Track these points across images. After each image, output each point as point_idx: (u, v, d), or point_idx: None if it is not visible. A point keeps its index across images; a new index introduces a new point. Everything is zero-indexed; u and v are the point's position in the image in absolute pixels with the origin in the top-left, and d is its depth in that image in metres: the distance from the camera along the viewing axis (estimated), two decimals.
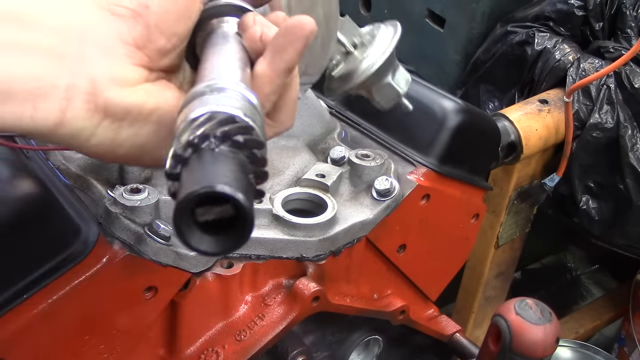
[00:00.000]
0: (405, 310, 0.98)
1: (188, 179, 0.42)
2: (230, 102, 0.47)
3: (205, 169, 0.42)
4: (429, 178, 0.94)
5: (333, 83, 0.71)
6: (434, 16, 1.71)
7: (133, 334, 0.77)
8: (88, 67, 0.53)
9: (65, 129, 0.52)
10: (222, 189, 0.40)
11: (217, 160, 0.42)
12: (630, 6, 1.46)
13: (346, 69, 0.70)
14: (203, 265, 0.77)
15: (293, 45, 0.56)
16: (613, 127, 1.38)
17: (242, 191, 0.40)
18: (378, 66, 0.69)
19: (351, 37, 0.71)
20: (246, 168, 0.43)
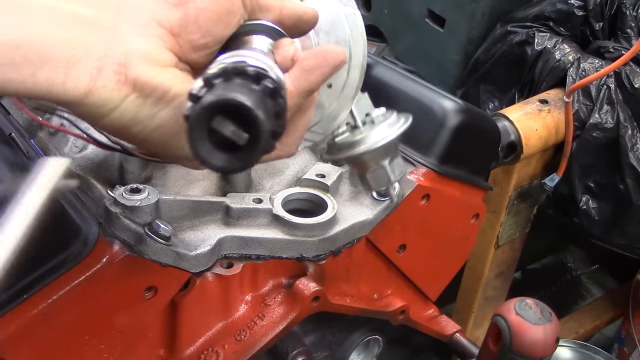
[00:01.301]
0: (405, 310, 0.98)
1: (210, 95, 0.42)
2: (264, 58, 0.48)
3: (231, 88, 0.42)
4: (429, 178, 0.94)
5: (332, 148, 0.72)
6: (434, 16, 1.71)
7: (133, 334, 0.77)
8: (122, 40, 0.55)
9: (94, 97, 0.54)
10: (243, 100, 0.40)
11: (244, 87, 0.42)
12: (630, 6, 1.46)
13: (349, 140, 0.71)
14: (203, 265, 0.77)
15: (321, 69, 0.58)
16: (613, 127, 1.38)
17: (262, 110, 0.40)
18: (379, 146, 0.70)
19: (363, 112, 0.72)
20: (270, 106, 0.43)
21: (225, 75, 0.44)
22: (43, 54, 0.51)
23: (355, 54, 0.70)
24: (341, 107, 0.71)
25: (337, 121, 0.72)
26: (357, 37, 0.69)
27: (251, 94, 0.42)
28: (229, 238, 0.79)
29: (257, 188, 0.87)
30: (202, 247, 0.76)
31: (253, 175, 0.86)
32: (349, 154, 0.70)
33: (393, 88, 1.00)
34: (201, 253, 0.76)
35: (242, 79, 0.44)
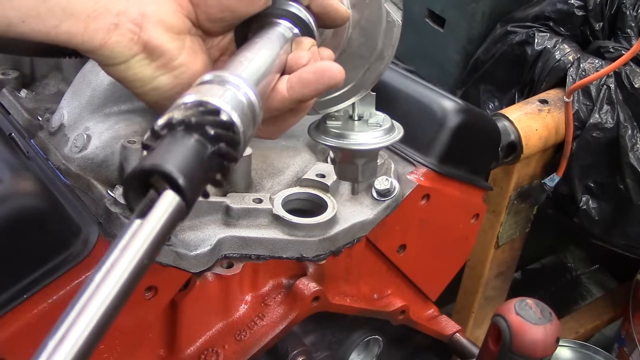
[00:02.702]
0: (405, 310, 0.98)
1: (151, 154, 0.47)
2: (225, 95, 0.52)
3: (167, 148, 0.47)
4: (429, 178, 0.94)
5: (319, 128, 0.75)
6: (434, 16, 1.71)
7: (133, 334, 0.77)
8: (141, 2, 0.59)
9: (106, 50, 0.58)
10: (164, 169, 0.45)
11: (179, 144, 0.47)
12: (630, 6, 1.46)
13: (338, 128, 0.74)
14: (203, 265, 0.77)
15: (316, 85, 0.61)
16: (613, 127, 1.38)
17: (185, 175, 0.45)
18: (359, 149, 0.74)
19: (363, 109, 0.76)
20: (203, 158, 0.48)
21: (169, 127, 0.48)
22: (67, 8, 0.55)
23: (381, 59, 0.73)
24: (349, 93, 0.75)
25: (339, 106, 0.75)
26: (388, 45, 0.72)
27: (182, 153, 0.46)
28: (229, 238, 0.79)
29: (257, 188, 0.87)
30: (202, 247, 0.76)
31: (253, 175, 0.86)
32: (331, 142, 0.73)
33: (393, 88, 1.00)
34: (201, 253, 0.76)
35: (184, 130, 0.48)
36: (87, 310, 0.40)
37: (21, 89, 0.97)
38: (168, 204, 0.45)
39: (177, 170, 0.45)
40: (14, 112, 0.89)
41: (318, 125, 0.76)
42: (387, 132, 0.75)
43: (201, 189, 0.49)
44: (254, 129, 0.56)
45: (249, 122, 0.54)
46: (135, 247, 0.43)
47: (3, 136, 0.84)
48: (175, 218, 0.45)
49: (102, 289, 0.41)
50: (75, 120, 0.82)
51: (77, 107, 0.82)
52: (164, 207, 0.45)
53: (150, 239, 0.44)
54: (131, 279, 0.42)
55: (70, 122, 0.82)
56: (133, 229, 0.44)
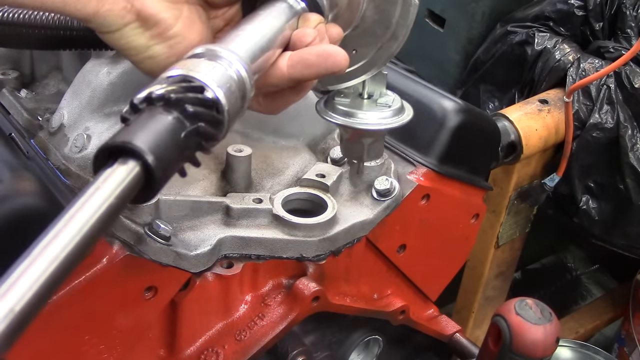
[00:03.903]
0: (405, 310, 0.98)
1: (127, 128, 0.46)
2: (213, 71, 0.51)
3: (142, 124, 0.46)
4: (429, 178, 0.94)
5: (327, 104, 0.74)
6: (434, 16, 1.71)
7: (133, 334, 0.77)
8: None
9: (99, 18, 0.58)
10: (136, 146, 0.44)
11: (155, 121, 0.47)
12: (630, 6, 1.46)
13: (346, 106, 0.73)
14: (203, 265, 0.77)
15: (318, 68, 0.60)
16: (613, 127, 1.38)
17: (155, 154, 0.44)
18: (366, 129, 0.73)
19: (374, 87, 0.75)
20: (179, 136, 0.47)
21: (148, 101, 0.48)
22: None
23: (394, 38, 0.71)
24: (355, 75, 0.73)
25: (347, 82, 0.74)
26: (402, 24, 0.70)
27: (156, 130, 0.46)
28: (229, 238, 0.79)
29: (257, 188, 0.87)
30: (202, 247, 0.76)
31: (253, 175, 0.86)
32: (338, 119, 0.72)
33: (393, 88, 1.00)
34: (201, 253, 0.76)
35: (163, 106, 0.48)
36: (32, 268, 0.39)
37: (21, 89, 0.97)
38: (127, 173, 0.44)
39: (147, 148, 0.44)
40: (14, 112, 0.89)
41: (326, 101, 0.75)
42: (396, 113, 0.74)
43: (175, 167, 0.48)
44: (244, 106, 0.55)
45: (237, 99, 0.53)
46: (87, 210, 0.42)
47: (3, 136, 0.84)
48: (132, 188, 0.44)
49: (45, 254, 0.40)
50: (75, 120, 0.82)
51: (77, 107, 0.82)
52: (122, 175, 0.44)
53: (102, 205, 0.43)
54: (78, 244, 0.41)
55: (70, 122, 0.82)
56: (86, 193, 0.43)
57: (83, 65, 0.84)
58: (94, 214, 0.42)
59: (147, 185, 0.45)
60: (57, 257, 0.40)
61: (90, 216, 0.42)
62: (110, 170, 0.44)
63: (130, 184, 0.44)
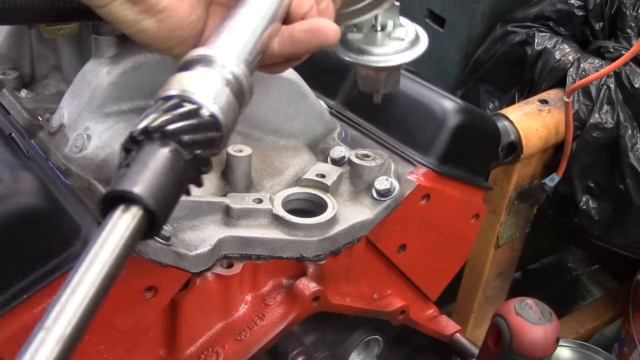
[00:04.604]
0: (405, 310, 0.98)
1: (128, 173, 0.48)
2: (209, 84, 0.52)
3: (142, 166, 0.48)
4: (429, 178, 0.94)
5: (342, 41, 0.73)
6: (434, 16, 1.71)
7: (133, 334, 0.77)
8: None
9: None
10: (137, 195, 0.46)
11: (153, 159, 0.48)
12: (630, 6, 1.46)
13: (360, 41, 0.72)
14: (203, 265, 0.77)
15: (306, 46, 0.60)
16: (613, 127, 1.38)
17: (155, 197, 0.47)
18: (380, 65, 0.72)
19: (387, 18, 0.73)
20: (178, 169, 0.49)
21: (146, 134, 0.49)
22: None
23: None
24: (368, 10, 0.72)
25: (360, 18, 0.72)
26: None
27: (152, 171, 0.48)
28: (229, 238, 0.79)
29: (257, 188, 0.87)
30: (202, 247, 0.76)
31: (253, 175, 0.86)
32: (353, 57, 0.71)
33: None
34: (201, 253, 0.76)
35: (160, 138, 0.49)
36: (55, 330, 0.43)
37: (21, 89, 0.96)
38: (131, 218, 0.46)
39: (147, 194, 0.46)
40: (14, 112, 0.89)
41: (340, 38, 0.74)
42: (410, 44, 0.72)
43: (177, 199, 0.50)
44: (244, 104, 0.55)
45: (234, 105, 0.53)
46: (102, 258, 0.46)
47: (3, 136, 0.84)
48: (138, 230, 0.47)
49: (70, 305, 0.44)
50: (75, 120, 0.82)
51: (77, 107, 0.82)
52: (127, 221, 0.46)
53: (114, 251, 0.46)
54: (96, 293, 0.45)
55: (70, 122, 0.82)
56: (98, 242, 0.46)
57: (83, 65, 0.84)
58: (108, 260, 0.46)
59: (151, 224, 0.48)
60: (80, 306, 0.44)
61: (104, 262, 0.46)
62: (116, 217, 0.47)
63: (136, 227, 0.47)
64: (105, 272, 0.45)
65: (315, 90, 0.94)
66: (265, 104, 0.90)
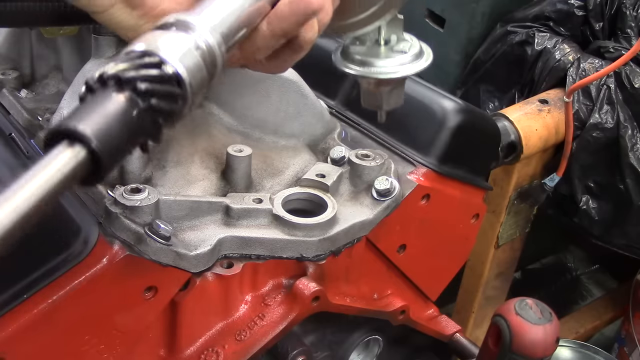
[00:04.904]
0: (405, 310, 0.98)
1: (77, 111, 0.47)
2: (177, 44, 0.51)
3: (92, 107, 0.47)
4: (429, 178, 0.94)
5: (344, 54, 0.72)
6: (434, 16, 1.71)
7: (133, 334, 0.77)
8: None
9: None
10: (80, 132, 0.45)
11: (105, 103, 0.47)
12: (630, 6, 1.46)
13: (362, 54, 0.71)
14: (203, 265, 0.77)
15: (294, 18, 0.59)
16: (613, 127, 1.38)
17: (101, 138, 0.45)
18: (383, 78, 0.71)
19: (390, 32, 0.72)
20: (130, 116, 0.47)
21: (101, 81, 0.48)
22: None
23: None
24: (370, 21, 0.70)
25: (363, 30, 0.71)
26: None
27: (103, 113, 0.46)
28: (229, 238, 0.79)
29: (257, 188, 0.87)
30: (202, 247, 0.76)
31: (253, 175, 0.86)
32: (355, 69, 0.70)
33: None
34: (201, 253, 0.76)
35: (115, 85, 0.48)
36: None
37: (21, 89, 0.97)
38: (72, 156, 0.44)
39: (92, 133, 0.45)
40: (14, 112, 0.89)
41: (342, 50, 0.72)
42: (414, 58, 0.71)
43: (128, 148, 0.49)
44: (214, 76, 0.54)
45: (203, 71, 0.52)
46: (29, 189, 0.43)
47: (3, 136, 0.84)
48: (77, 170, 0.45)
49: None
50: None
51: None
52: (66, 158, 0.44)
53: (45, 184, 0.43)
54: (10, 223, 0.42)
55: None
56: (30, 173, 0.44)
57: (83, 65, 0.85)
58: (36, 193, 0.43)
59: (94, 168, 0.46)
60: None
61: (31, 195, 0.43)
62: (56, 152, 0.45)
63: (76, 167, 0.45)
64: (30, 205, 0.43)
65: (315, 90, 0.94)
66: (265, 104, 0.90)
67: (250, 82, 0.88)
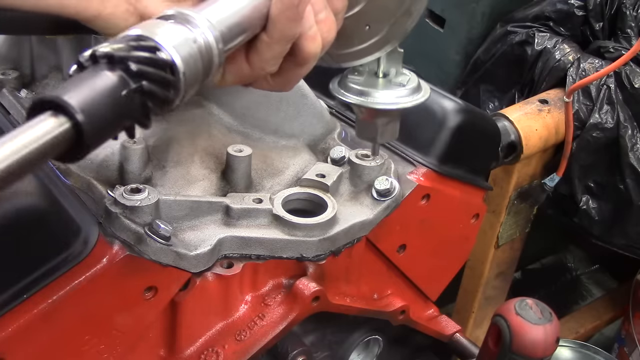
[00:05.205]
0: (405, 310, 0.98)
1: (65, 83, 0.45)
2: (174, 34, 0.50)
3: (81, 81, 0.45)
4: (429, 178, 0.94)
5: (341, 83, 0.73)
6: (434, 16, 1.71)
7: (133, 334, 0.77)
8: None
9: (101, 21, 0.58)
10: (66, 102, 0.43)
11: (94, 78, 0.46)
12: (630, 6, 1.46)
13: (360, 84, 0.71)
14: (203, 265, 0.77)
15: (283, 15, 0.58)
16: (613, 127, 1.38)
17: (87, 112, 0.44)
18: (380, 109, 0.71)
19: (389, 65, 0.72)
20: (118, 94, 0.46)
21: (93, 59, 0.47)
22: None
23: (408, 13, 0.68)
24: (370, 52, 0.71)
25: (362, 61, 0.71)
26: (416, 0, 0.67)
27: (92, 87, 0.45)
28: (229, 238, 0.79)
29: (257, 188, 0.87)
30: (202, 247, 0.76)
31: (253, 175, 0.86)
32: (352, 99, 0.71)
33: None
34: (201, 253, 0.76)
35: (107, 63, 0.47)
36: None
37: (21, 89, 0.96)
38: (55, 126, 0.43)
39: (78, 105, 0.43)
40: (14, 112, 0.89)
41: (340, 80, 0.73)
42: (411, 92, 0.71)
43: (114, 128, 0.47)
44: (210, 73, 0.54)
45: (198, 64, 0.51)
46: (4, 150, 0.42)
47: None
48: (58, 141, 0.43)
49: None
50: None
51: None
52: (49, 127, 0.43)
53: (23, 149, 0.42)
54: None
55: None
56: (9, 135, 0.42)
57: None
58: (10, 157, 0.42)
59: (77, 142, 0.45)
60: None
61: (5, 157, 0.41)
62: (38, 119, 0.44)
63: (57, 137, 0.43)
64: (6, 165, 0.41)
65: (315, 90, 0.94)
66: (265, 104, 0.90)
67: None
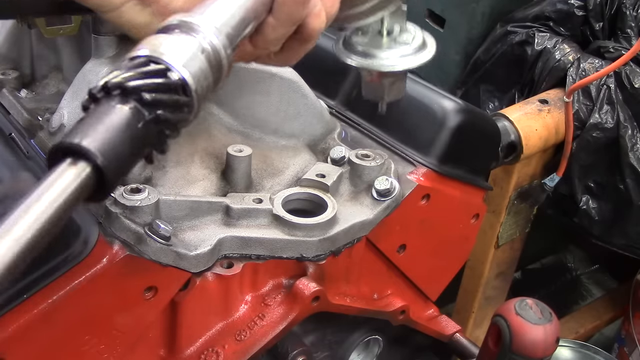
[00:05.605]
0: (405, 310, 0.98)
1: (80, 125, 0.45)
2: (181, 48, 0.49)
3: (96, 121, 0.45)
4: (429, 178, 0.94)
5: (346, 44, 0.71)
6: (434, 16, 1.71)
7: (133, 334, 0.77)
8: None
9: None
10: (85, 148, 0.43)
11: (109, 115, 0.45)
12: (630, 6, 1.46)
13: (365, 45, 0.70)
14: (203, 265, 0.77)
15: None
16: (613, 127, 1.38)
17: (106, 154, 0.43)
18: (385, 70, 0.70)
19: (393, 23, 0.71)
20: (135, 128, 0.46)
21: (105, 90, 0.47)
22: None
23: None
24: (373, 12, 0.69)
25: (366, 21, 0.70)
26: None
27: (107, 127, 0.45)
28: (229, 238, 0.79)
29: (257, 188, 0.87)
30: (202, 247, 0.76)
31: (253, 175, 0.86)
32: (357, 61, 0.70)
33: None
34: (201, 253, 0.76)
35: (120, 95, 0.46)
36: None
37: (21, 89, 0.96)
38: (77, 174, 0.43)
39: (96, 149, 0.43)
40: (14, 112, 0.89)
41: (344, 41, 0.72)
42: (417, 50, 0.70)
43: (133, 161, 0.47)
44: (220, 78, 0.53)
45: (208, 74, 0.51)
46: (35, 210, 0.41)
47: (3, 136, 0.84)
48: (83, 188, 0.43)
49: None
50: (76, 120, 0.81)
51: (77, 107, 0.82)
52: (72, 176, 0.43)
53: (52, 204, 0.42)
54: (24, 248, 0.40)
55: (71, 122, 0.82)
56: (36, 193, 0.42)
57: (83, 65, 0.84)
58: (42, 216, 0.41)
59: (99, 184, 0.44)
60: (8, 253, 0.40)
61: (37, 218, 0.41)
62: (61, 170, 0.43)
63: (81, 184, 0.43)
64: (38, 228, 0.41)
65: (315, 90, 0.94)
66: (265, 104, 0.90)
67: (250, 82, 0.88)
